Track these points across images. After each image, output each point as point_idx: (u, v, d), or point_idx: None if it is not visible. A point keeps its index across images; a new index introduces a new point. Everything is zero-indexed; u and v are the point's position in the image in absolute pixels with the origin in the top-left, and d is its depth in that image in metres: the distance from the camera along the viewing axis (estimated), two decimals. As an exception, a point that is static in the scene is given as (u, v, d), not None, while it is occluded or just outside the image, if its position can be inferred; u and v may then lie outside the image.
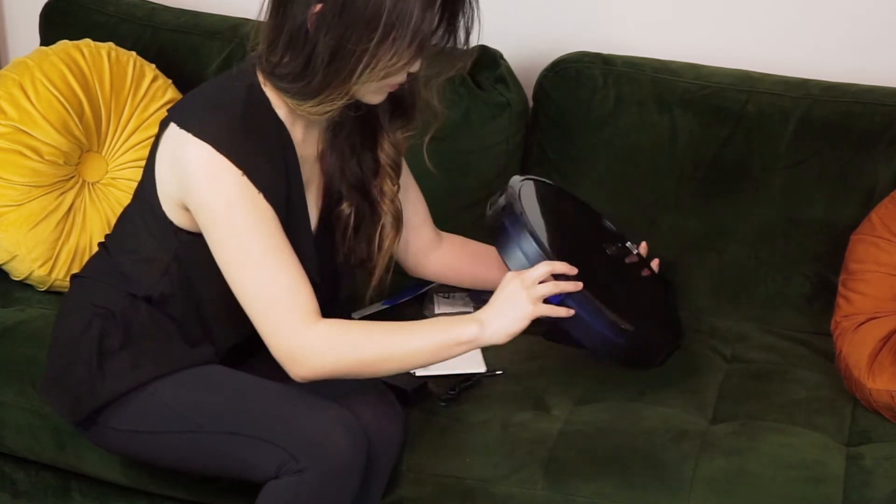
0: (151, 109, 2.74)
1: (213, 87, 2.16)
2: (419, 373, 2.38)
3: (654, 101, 2.65)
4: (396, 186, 2.24)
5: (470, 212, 2.72)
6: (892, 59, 2.67)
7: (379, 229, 2.24)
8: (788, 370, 2.47)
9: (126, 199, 2.69)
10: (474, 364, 2.41)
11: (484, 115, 2.72)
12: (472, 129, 2.72)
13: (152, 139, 2.76)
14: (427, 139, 2.22)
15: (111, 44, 2.80)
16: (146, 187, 2.16)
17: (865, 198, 2.54)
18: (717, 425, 2.31)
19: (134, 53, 2.79)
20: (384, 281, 2.28)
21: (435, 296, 2.65)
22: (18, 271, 2.65)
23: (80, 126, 2.67)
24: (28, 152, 2.61)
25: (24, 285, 2.68)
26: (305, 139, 2.17)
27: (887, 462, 2.21)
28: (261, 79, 2.10)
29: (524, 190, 2.24)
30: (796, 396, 2.39)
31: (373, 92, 2.07)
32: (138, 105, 2.74)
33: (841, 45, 2.71)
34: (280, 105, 2.11)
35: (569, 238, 2.30)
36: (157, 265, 2.16)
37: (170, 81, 2.80)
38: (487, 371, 2.43)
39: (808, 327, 2.61)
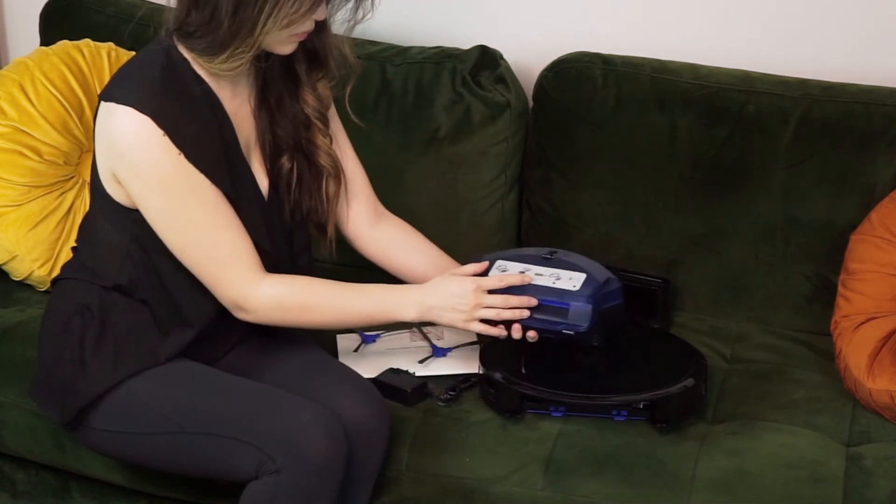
0: (151, 109, 2.75)
1: (131, 61, 2.20)
2: (419, 373, 2.38)
3: (654, 100, 2.65)
4: (328, 139, 2.27)
5: (469, 211, 2.72)
6: (892, 59, 2.67)
7: (322, 183, 2.26)
8: (788, 370, 2.47)
9: (126, 199, 2.70)
10: (474, 365, 2.41)
11: (484, 115, 2.72)
12: (472, 129, 2.72)
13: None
14: (348, 91, 2.25)
15: (111, 44, 2.80)
16: (95, 179, 2.17)
17: (865, 198, 2.54)
18: (717, 425, 2.31)
19: (134, 54, 2.79)
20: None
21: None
22: (18, 271, 2.65)
23: (80, 126, 2.67)
24: (28, 152, 2.61)
25: (24, 285, 2.68)
26: (235, 96, 2.17)
27: (887, 462, 2.21)
28: (177, 42, 2.12)
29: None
30: (796, 396, 2.39)
31: (281, 42, 2.10)
32: (138, 105, 2.74)
33: (841, 45, 2.70)
34: (200, 64, 2.12)
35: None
36: (118, 250, 2.17)
37: (170, 81, 2.80)
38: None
39: (808, 327, 2.60)
